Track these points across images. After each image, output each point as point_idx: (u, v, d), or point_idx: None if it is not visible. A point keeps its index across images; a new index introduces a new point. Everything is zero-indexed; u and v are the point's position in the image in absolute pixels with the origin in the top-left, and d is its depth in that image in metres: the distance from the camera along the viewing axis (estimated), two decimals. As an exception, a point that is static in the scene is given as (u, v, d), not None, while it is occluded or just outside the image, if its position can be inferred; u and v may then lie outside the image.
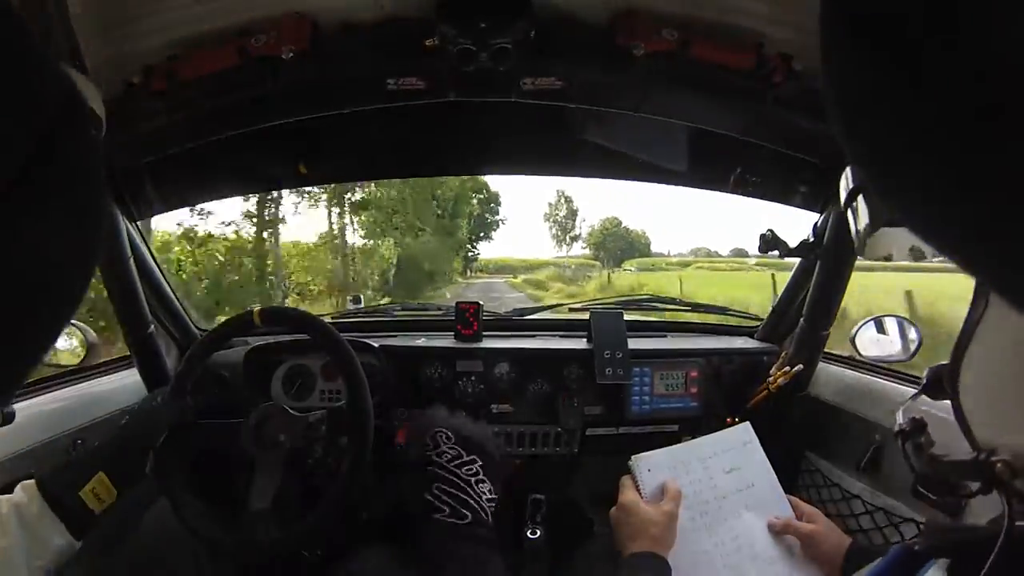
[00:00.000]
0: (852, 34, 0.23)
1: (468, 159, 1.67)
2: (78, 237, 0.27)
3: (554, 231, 40.94)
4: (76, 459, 0.98)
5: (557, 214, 41.24)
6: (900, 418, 0.58)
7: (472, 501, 0.86)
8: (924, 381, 0.49)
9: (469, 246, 30.75)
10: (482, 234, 32.91)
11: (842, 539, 0.94)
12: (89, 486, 0.91)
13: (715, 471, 1.07)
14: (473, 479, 0.90)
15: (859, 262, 1.33)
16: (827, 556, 0.92)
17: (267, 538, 1.09)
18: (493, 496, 0.94)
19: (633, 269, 32.38)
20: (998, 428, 0.43)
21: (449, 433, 0.92)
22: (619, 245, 39.41)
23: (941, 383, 0.48)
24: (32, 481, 0.88)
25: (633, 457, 1.07)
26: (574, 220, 41.30)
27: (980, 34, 0.19)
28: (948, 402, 0.48)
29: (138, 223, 1.41)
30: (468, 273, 30.66)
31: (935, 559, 0.48)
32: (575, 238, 40.71)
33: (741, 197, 1.49)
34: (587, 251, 39.25)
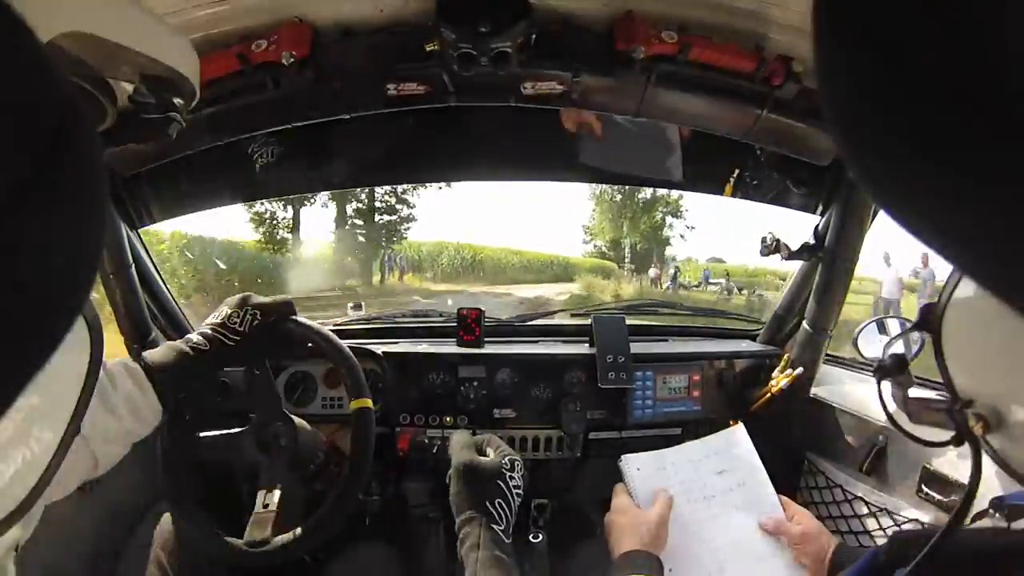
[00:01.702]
0: (845, 29, 0.23)
1: (468, 164, 1.67)
2: (80, 244, 0.27)
3: (597, 190, 21.32)
4: (186, 363, 1.04)
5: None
6: (884, 355, 0.56)
7: (512, 529, 0.91)
8: (918, 316, 0.46)
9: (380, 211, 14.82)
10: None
11: (830, 540, 0.96)
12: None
13: (705, 472, 1.08)
14: (515, 512, 0.94)
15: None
16: (815, 556, 0.95)
17: (270, 543, 1.08)
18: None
19: (721, 284, 18.64)
20: (979, 377, 0.41)
21: (521, 464, 0.98)
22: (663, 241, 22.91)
23: (931, 320, 0.46)
24: (137, 367, 0.97)
25: (623, 457, 1.08)
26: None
27: (976, 29, 0.19)
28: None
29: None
30: (383, 277, 15.04)
31: (900, 568, 0.47)
32: (642, 209, 21.88)
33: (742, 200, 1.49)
34: (602, 245, 22.76)
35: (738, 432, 1.14)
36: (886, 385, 0.57)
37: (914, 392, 0.52)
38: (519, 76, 1.10)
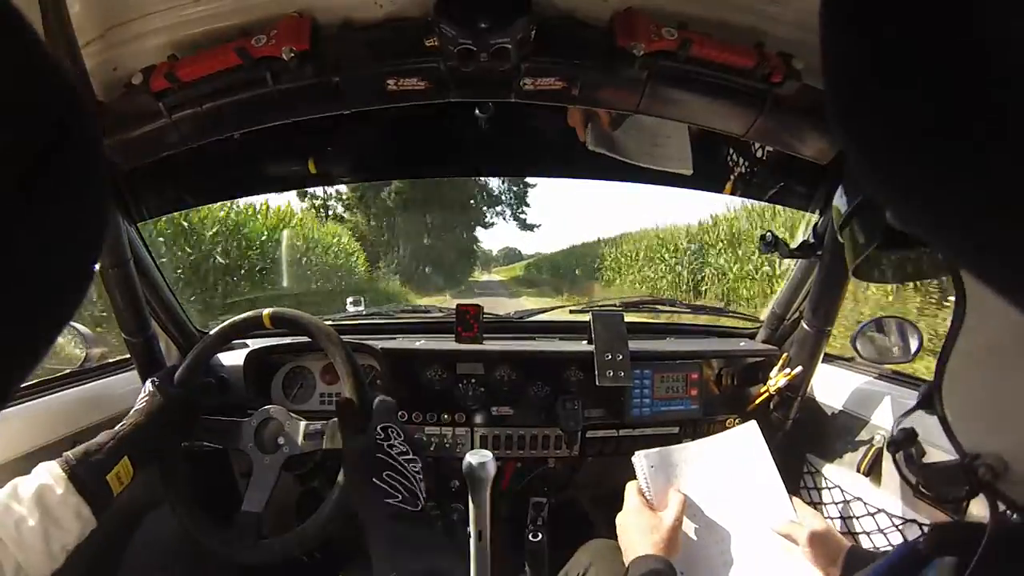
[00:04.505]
0: (852, 28, 0.23)
1: (469, 160, 1.67)
2: (80, 239, 0.27)
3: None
4: (102, 443, 1.00)
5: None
6: (894, 431, 0.63)
7: (419, 493, 0.89)
8: (919, 398, 0.52)
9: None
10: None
11: (842, 541, 0.96)
12: (115, 470, 0.96)
13: (719, 470, 1.08)
14: (416, 476, 0.92)
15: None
16: (827, 557, 0.94)
17: (268, 542, 1.08)
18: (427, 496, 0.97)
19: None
20: (980, 435, 0.45)
21: (399, 430, 0.95)
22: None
23: (933, 399, 0.51)
24: (55, 463, 0.91)
25: (637, 453, 1.08)
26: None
27: (980, 30, 0.19)
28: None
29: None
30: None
31: (939, 558, 0.48)
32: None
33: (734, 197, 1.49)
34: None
35: (751, 430, 1.14)
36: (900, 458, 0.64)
37: (927, 460, 0.59)
38: (519, 72, 1.09)
